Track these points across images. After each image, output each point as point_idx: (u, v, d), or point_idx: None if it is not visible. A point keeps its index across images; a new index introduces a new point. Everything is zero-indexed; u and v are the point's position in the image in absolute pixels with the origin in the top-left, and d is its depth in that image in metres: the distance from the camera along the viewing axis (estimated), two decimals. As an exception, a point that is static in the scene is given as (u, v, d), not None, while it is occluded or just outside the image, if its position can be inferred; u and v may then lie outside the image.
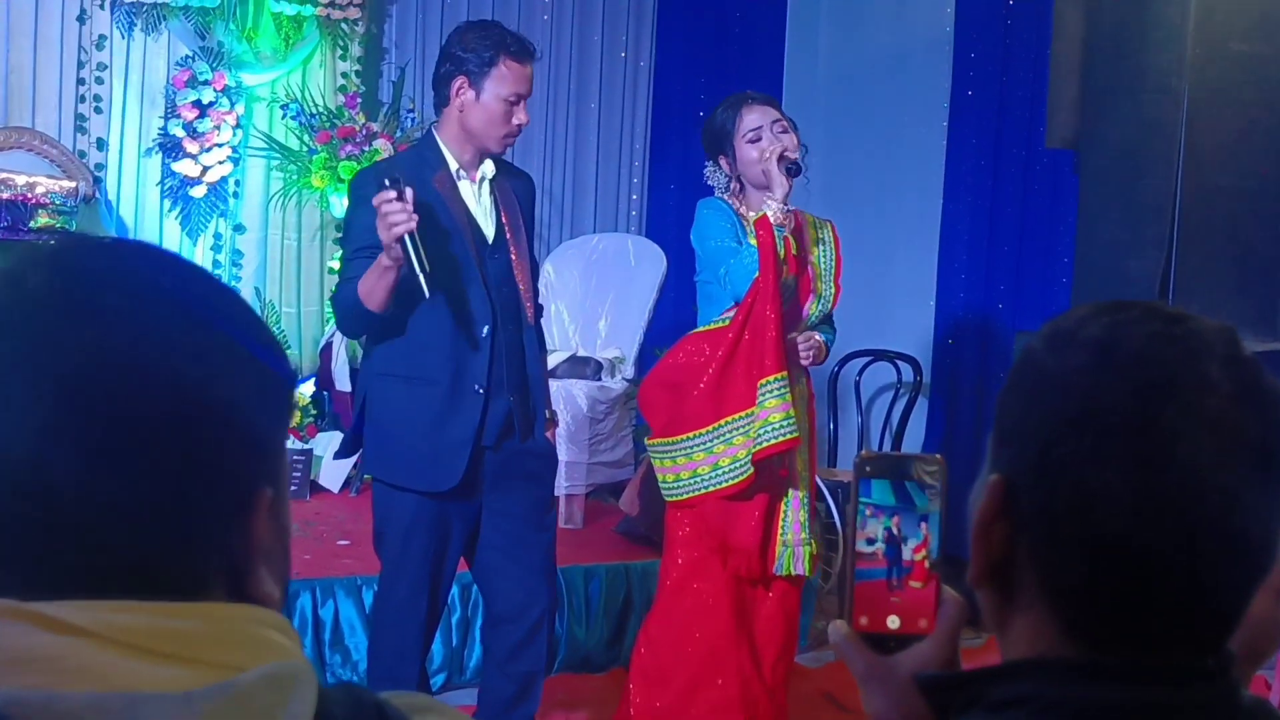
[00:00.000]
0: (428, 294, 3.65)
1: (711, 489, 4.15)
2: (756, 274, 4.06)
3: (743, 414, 4.11)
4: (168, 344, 0.94)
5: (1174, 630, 1.12)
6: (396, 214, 3.56)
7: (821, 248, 4.37)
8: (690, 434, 4.17)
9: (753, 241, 4.12)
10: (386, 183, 3.59)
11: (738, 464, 4.11)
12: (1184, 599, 1.11)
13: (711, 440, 4.15)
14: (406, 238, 3.56)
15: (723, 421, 4.13)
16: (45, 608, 0.88)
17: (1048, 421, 1.14)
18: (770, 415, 4.06)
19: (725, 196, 4.28)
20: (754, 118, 4.21)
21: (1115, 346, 1.13)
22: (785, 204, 4.10)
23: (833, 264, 4.37)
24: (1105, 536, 1.11)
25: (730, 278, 4.13)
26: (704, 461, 4.16)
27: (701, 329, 4.26)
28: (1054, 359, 1.16)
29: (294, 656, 0.96)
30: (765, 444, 4.07)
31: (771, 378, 4.07)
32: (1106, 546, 1.11)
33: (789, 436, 4.07)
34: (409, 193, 3.58)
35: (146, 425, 0.92)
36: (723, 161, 4.27)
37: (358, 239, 3.84)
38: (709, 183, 4.34)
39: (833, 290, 4.33)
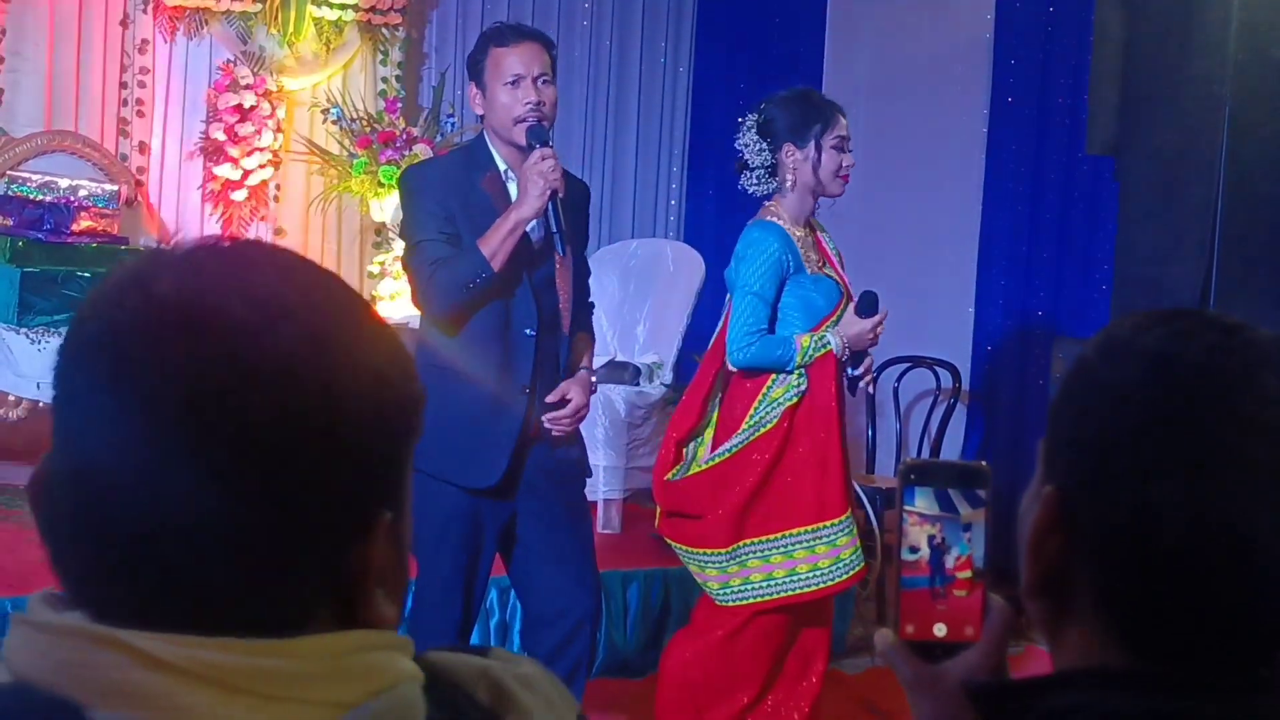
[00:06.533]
0: (563, 252, 3.88)
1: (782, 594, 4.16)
2: (793, 359, 4.08)
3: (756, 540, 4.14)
4: (289, 361, 0.90)
5: (1229, 642, 1.12)
6: (552, 171, 3.77)
7: (834, 250, 4.37)
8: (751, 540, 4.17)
9: (811, 271, 4.15)
10: (537, 145, 3.81)
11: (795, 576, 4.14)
12: (1240, 612, 1.11)
13: (769, 549, 4.16)
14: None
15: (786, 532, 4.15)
16: (140, 641, 0.86)
17: (1104, 433, 1.14)
18: (842, 553, 4.11)
19: (768, 213, 4.22)
20: (842, 128, 4.20)
21: (1173, 358, 1.13)
22: (846, 348, 4.12)
23: (841, 265, 4.37)
24: (1162, 549, 1.10)
25: (754, 353, 4.13)
26: (758, 569, 4.16)
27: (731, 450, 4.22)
28: (1110, 369, 1.16)
29: (403, 679, 0.94)
30: (840, 578, 4.13)
31: (844, 516, 4.12)
32: (1163, 559, 1.11)
33: (859, 569, 4.16)
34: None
35: (263, 448, 0.88)
36: (789, 150, 4.18)
37: (427, 224, 3.89)
38: (739, 146, 4.25)
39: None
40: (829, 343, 4.09)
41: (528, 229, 3.87)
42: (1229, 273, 4.45)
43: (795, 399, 4.12)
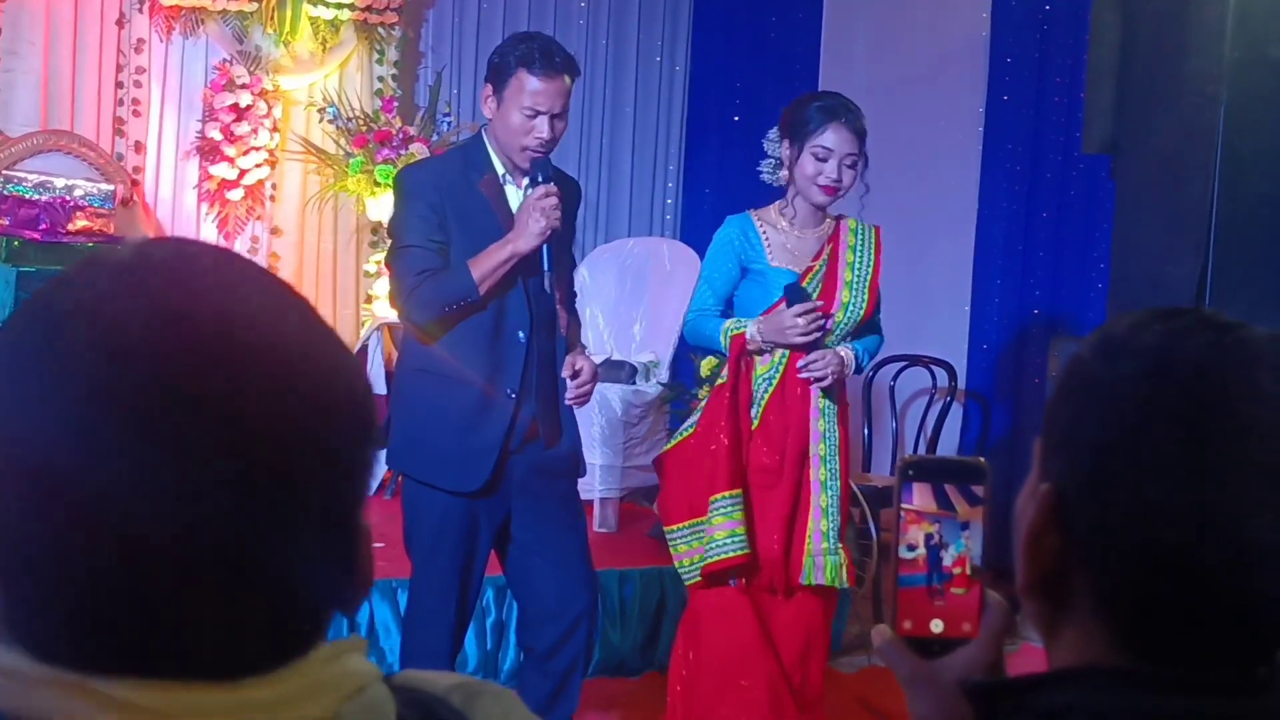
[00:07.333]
0: (550, 290, 3.89)
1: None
2: (718, 339, 4.23)
3: (697, 520, 4.22)
4: (285, 367, 0.87)
5: (1225, 642, 1.12)
6: (554, 209, 3.80)
7: (856, 255, 4.35)
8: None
9: (777, 264, 4.24)
10: (540, 178, 3.84)
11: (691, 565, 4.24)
12: (1236, 611, 1.11)
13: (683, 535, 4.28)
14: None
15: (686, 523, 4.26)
16: (116, 690, 0.83)
17: (1100, 432, 1.13)
18: (715, 533, 4.14)
19: (755, 216, 4.33)
20: (833, 138, 4.18)
21: (1169, 357, 1.12)
22: (760, 335, 4.17)
23: (868, 272, 4.34)
24: (1158, 548, 1.10)
25: (691, 329, 4.39)
26: (686, 554, 4.27)
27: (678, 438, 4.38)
28: (1106, 368, 1.15)
29: (369, 680, 0.93)
30: (712, 559, 4.15)
31: (723, 494, 4.14)
32: (1159, 558, 1.10)
33: (736, 553, 4.13)
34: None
35: (280, 459, 0.86)
36: (786, 146, 4.26)
37: (417, 229, 3.89)
38: (766, 144, 4.36)
39: (864, 299, 4.30)
40: (743, 327, 4.16)
41: None
42: (1225, 271, 4.45)
43: (723, 379, 4.26)
